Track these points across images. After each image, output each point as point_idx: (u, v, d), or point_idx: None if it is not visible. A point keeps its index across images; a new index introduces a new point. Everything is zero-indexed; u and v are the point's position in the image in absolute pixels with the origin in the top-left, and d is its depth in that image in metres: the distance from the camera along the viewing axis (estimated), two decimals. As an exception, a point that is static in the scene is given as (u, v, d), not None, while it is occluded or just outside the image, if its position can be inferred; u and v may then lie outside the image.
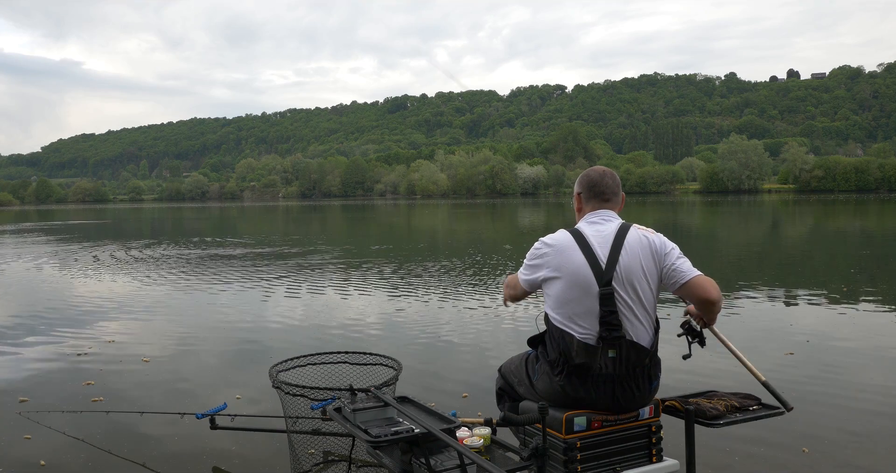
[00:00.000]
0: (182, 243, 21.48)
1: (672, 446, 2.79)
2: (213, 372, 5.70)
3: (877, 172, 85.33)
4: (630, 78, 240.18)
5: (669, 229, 24.39)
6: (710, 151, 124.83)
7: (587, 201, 2.66)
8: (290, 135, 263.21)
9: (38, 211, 78.56)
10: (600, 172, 2.69)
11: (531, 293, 2.67)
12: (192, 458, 3.79)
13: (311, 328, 7.42)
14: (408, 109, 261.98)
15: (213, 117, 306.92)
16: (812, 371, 5.32)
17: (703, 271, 2.51)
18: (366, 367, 3.67)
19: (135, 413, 4.32)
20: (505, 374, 2.86)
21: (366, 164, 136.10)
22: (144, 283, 11.45)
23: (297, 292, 10.04)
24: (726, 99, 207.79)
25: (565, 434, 2.38)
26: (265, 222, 39.00)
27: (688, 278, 2.45)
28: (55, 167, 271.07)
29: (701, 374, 5.21)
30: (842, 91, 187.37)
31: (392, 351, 5.47)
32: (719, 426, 2.60)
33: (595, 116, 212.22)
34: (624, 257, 2.44)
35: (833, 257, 14.73)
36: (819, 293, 9.23)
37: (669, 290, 2.55)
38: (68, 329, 7.54)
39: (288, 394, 3.27)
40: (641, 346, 2.43)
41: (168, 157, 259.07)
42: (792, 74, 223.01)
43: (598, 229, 2.53)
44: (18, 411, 4.61)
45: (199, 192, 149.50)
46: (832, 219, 30.34)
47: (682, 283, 2.46)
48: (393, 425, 2.64)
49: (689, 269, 2.47)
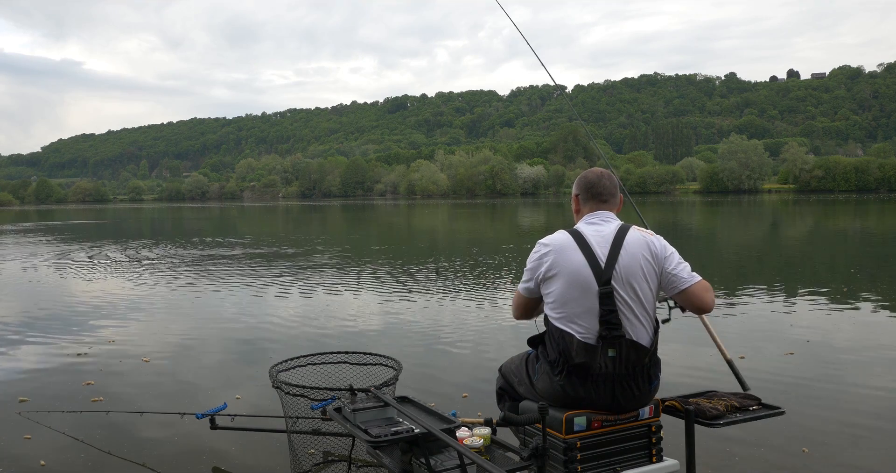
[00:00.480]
0: (182, 243, 21.48)
1: (672, 446, 2.79)
2: (213, 372, 5.69)
3: (877, 172, 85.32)
4: (630, 78, 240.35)
5: (669, 230, 24.40)
6: (710, 151, 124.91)
7: (585, 202, 2.67)
8: (290, 135, 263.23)
9: (37, 211, 78.56)
10: (598, 173, 2.71)
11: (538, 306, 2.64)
12: (192, 458, 3.79)
13: (311, 327, 7.42)
14: (408, 109, 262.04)
15: (213, 117, 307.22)
16: (812, 371, 5.32)
17: (702, 272, 2.52)
18: (366, 367, 3.67)
19: (135, 413, 4.31)
20: (505, 374, 2.86)
21: (366, 164, 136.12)
22: (144, 283, 11.45)
23: (297, 293, 10.04)
24: (726, 99, 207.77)
25: (565, 434, 2.38)
26: (265, 223, 39.00)
27: (687, 285, 2.49)
28: (55, 167, 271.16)
29: (701, 374, 5.21)
30: (842, 91, 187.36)
31: (392, 351, 5.47)
32: (719, 426, 2.61)
33: (595, 116, 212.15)
34: (623, 256, 2.45)
35: (833, 258, 14.73)
36: (819, 294, 9.23)
37: (667, 294, 2.59)
38: (68, 329, 7.54)
39: (288, 394, 3.27)
40: (641, 345, 2.44)
41: (168, 157, 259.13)
42: (792, 74, 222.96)
43: (597, 230, 2.54)
44: (18, 411, 4.61)
45: (199, 192, 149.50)
46: (832, 219, 30.34)
47: (682, 289, 2.50)
48: (393, 425, 2.64)
49: (689, 275, 2.50)
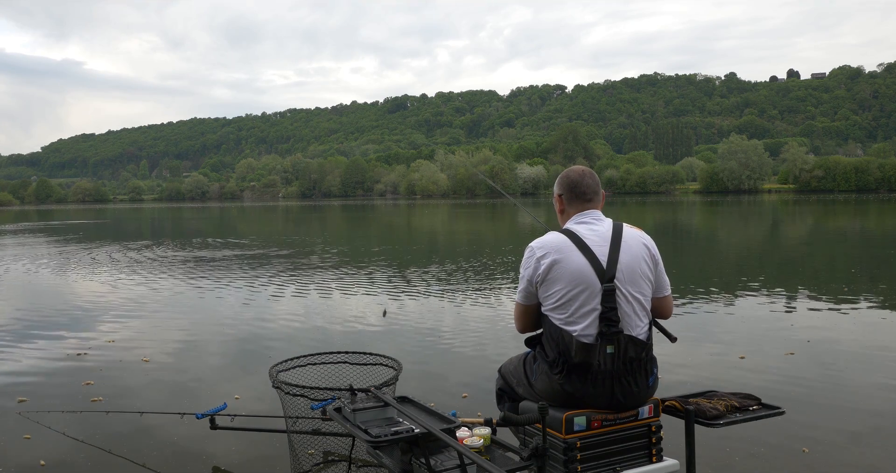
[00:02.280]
0: (182, 243, 21.48)
1: (672, 446, 2.79)
2: (213, 372, 5.69)
3: (877, 172, 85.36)
4: (630, 78, 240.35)
5: (669, 230, 24.40)
6: (710, 151, 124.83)
7: (569, 202, 2.66)
8: (290, 135, 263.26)
9: (37, 211, 78.56)
10: (580, 172, 2.69)
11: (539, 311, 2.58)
12: (191, 458, 3.79)
13: (311, 327, 7.42)
14: (408, 109, 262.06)
15: (213, 117, 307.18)
16: (813, 372, 5.31)
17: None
18: (366, 367, 3.67)
19: (134, 413, 4.31)
20: (504, 374, 2.86)
21: (366, 164, 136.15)
22: (144, 283, 11.45)
23: (297, 292, 10.03)
24: (726, 99, 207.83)
25: (565, 434, 2.38)
26: (265, 223, 39.00)
27: (666, 293, 2.64)
28: (55, 167, 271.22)
29: (701, 374, 5.21)
30: (842, 91, 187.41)
31: (392, 351, 5.48)
32: (719, 426, 2.61)
33: (595, 116, 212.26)
34: (625, 254, 2.47)
35: (833, 258, 14.73)
36: (820, 294, 9.23)
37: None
38: (68, 329, 7.54)
39: (288, 394, 3.26)
40: (639, 340, 2.45)
41: (168, 157, 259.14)
42: (792, 74, 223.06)
43: (592, 229, 2.54)
44: (18, 411, 4.61)
45: (199, 192, 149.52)
46: (832, 219, 30.34)
47: (661, 296, 2.62)
48: (393, 425, 2.64)
49: (668, 284, 2.65)
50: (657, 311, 2.64)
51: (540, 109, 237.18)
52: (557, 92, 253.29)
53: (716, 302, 8.56)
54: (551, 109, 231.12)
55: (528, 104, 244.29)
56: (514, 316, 2.73)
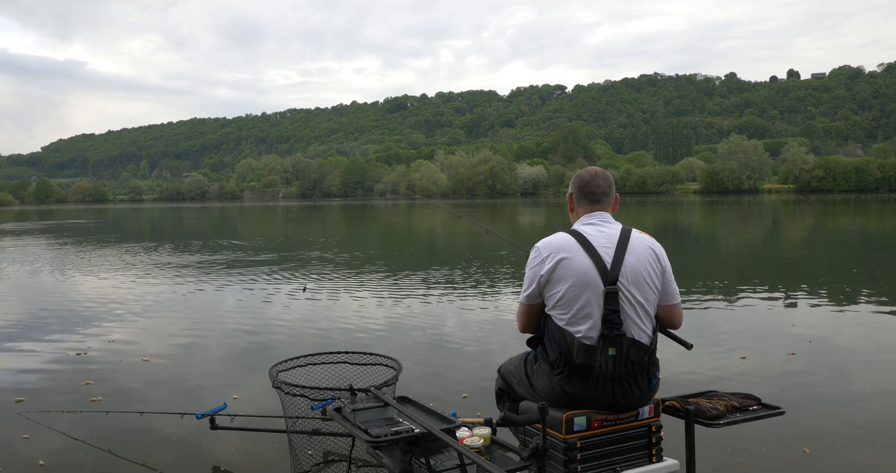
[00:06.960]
0: (181, 243, 21.47)
1: (672, 446, 2.78)
2: (212, 372, 5.69)
3: (877, 172, 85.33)
4: (630, 78, 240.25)
5: (670, 230, 24.40)
6: (710, 151, 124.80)
7: (579, 202, 2.68)
8: (290, 135, 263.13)
9: (38, 211, 78.57)
10: (592, 172, 2.70)
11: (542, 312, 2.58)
12: (191, 458, 3.79)
13: (311, 328, 7.41)
14: (408, 109, 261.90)
15: (213, 117, 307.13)
16: (814, 372, 5.31)
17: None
18: (366, 367, 3.67)
19: (134, 413, 4.31)
20: (504, 374, 2.86)
21: (366, 164, 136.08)
22: (144, 283, 11.45)
23: (296, 292, 10.03)
24: (726, 99, 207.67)
25: (565, 434, 2.38)
26: (265, 223, 39.00)
27: (675, 301, 2.59)
28: (55, 167, 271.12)
29: (701, 374, 5.21)
30: (842, 91, 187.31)
31: (392, 351, 5.47)
32: (719, 426, 2.61)
33: (595, 116, 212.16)
34: (630, 258, 2.47)
35: (834, 258, 14.72)
36: (821, 294, 9.23)
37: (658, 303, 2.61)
38: (67, 329, 7.53)
39: (288, 394, 3.26)
40: (642, 343, 2.44)
41: (168, 157, 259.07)
42: (792, 74, 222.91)
43: (599, 230, 2.53)
44: (17, 410, 4.60)
45: (198, 192, 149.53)
46: (832, 219, 30.33)
47: (669, 304, 2.58)
48: (393, 425, 2.63)
49: (677, 293, 2.60)
50: (666, 320, 2.60)
51: (540, 109, 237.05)
52: (557, 92, 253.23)
53: (716, 302, 8.55)
54: (551, 109, 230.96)
55: (529, 104, 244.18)
56: (516, 317, 2.74)
